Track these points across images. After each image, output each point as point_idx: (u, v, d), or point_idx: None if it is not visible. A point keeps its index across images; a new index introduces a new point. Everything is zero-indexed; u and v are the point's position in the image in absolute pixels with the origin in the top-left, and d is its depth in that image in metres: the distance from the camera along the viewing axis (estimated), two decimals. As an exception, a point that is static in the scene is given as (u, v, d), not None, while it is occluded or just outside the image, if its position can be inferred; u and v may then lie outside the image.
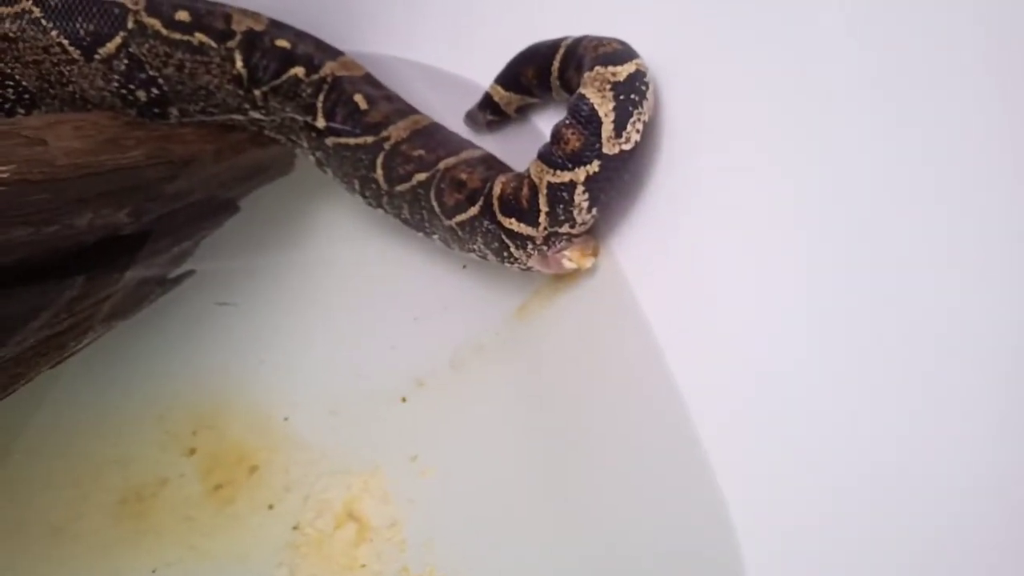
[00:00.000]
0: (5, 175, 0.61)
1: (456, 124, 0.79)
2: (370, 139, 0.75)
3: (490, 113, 0.78)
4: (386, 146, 0.74)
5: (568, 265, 0.66)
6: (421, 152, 0.73)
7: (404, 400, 0.75)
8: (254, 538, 0.69)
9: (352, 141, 0.76)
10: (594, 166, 0.59)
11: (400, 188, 0.74)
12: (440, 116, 0.78)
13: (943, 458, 0.42)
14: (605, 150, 0.59)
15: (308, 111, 0.77)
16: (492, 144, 0.76)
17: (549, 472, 0.67)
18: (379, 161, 0.74)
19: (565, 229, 0.64)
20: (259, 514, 0.70)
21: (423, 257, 0.82)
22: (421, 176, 0.72)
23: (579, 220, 0.63)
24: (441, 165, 0.71)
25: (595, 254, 0.67)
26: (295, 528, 0.69)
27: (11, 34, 0.68)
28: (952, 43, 0.42)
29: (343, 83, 0.76)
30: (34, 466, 0.71)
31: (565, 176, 0.60)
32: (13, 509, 0.69)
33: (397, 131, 0.74)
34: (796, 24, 0.51)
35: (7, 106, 0.73)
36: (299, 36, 0.78)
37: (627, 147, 0.59)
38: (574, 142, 0.59)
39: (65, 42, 0.69)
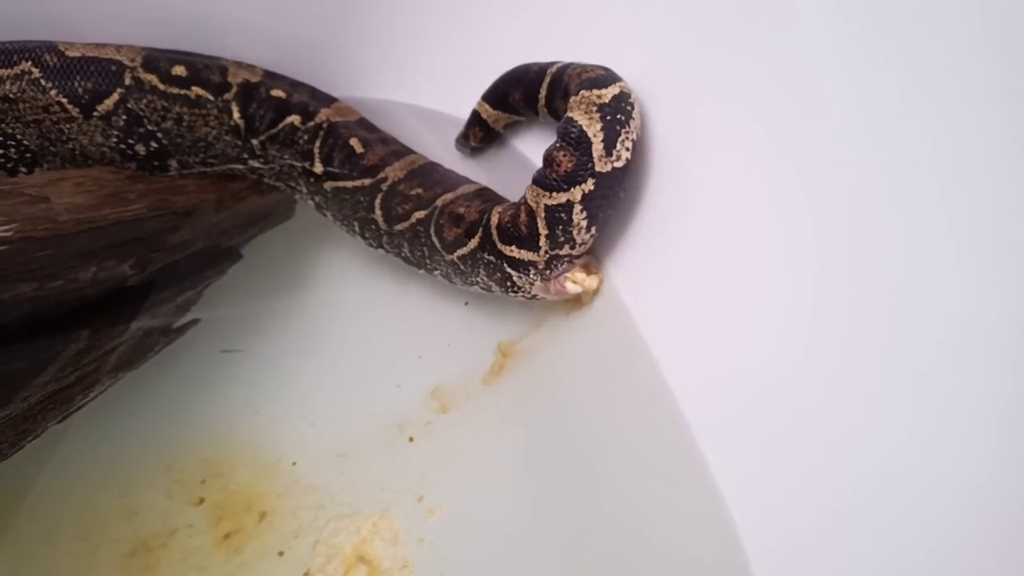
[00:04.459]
0: (9, 233, 0.62)
1: (451, 162, 0.80)
2: (368, 181, 0.76)
3: (479, 130, 0.79)
4: (384, 187, 0.75)
5: (572, 288, 0.66)
6: (418, 191, 0.74)
7: (411, 440, 0.75)
8: (265, 586, 0.69)
9: (350, 184, 0.76)
10: (589, 184, 0.60)
11: (399, 227, 0.74)
12: (435, 155, 0.79)
13: (941, 458, 0.41)
14: (598, 168, 0.59)
15: (306, 157, 0.78)
16: (485, 179, 0.77)
17: (557, 506, 0.67)
18: (377, 202, 0.75)
19: (566, 251, 0.64)
20: (269, 561, 0.69)
21: (425, 296, 0.83)
22: (420, 214, 0.73)
23: (579, 240, 0.63)
24: (439, 202, 0.72)
25: (598, 274, 0.67)
26: (306, 575, 0.68)
27: (11, 95, 0.70)
28: (947, 36, 0.42)
29: (338, 128, 0.77)
30: (43, 520, 0.71)
31: (562, 197, 0.61)
32: (23, 564, 0.69)
33: (394, 172, 0.75)
34: (785, 42, 0.52)
35: (9, 165, 0.74)
36: (293, 85, 0.79)
37: (619, 164, 0.60)
38: (567, 163, 0.60)
39: (64, 100, 0.71)
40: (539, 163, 0.62)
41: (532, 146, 0.77)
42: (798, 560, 0.52)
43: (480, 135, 0.79)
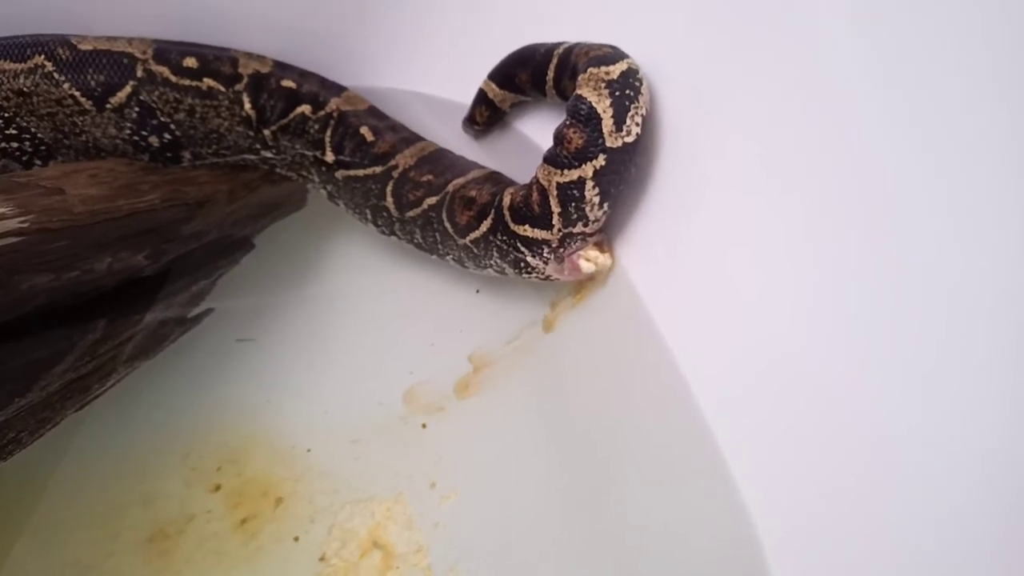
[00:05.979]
0: (25, 224, 0.63)
1: (461, 148, 0.80)
2: (379, 169, 0.76)
3: (485, 109, 0.79)
4: (395, 174, 0.75)
5: (586, 267, 0.66)
6: (429, 177, 0.74)
7: (424, 426, 0.75)
8: (281, 571, 0.69)
9: (361, 172, 0.77)
10: (600, 160, 0.60)
11: (411, 214, 0.75)
12: (444, 142, 0.80)
13: (957, 430, 0.41)
14: (608, 144, 0.59)
15: (317, 147, 0.78)
16: (494, 165, 0.76)
17: (570, 489, 0.67)
18: (389, 189, 0.75)
19: (579, 228, 0.64)
20: (285, 546, 0.70)
21: (438, 283, 0.83)
22: (431, 200, 0.73)
23: (592, 217, 0.63)
24: (450, 187, 0.72)
25: (611, 252, 0.67)
26: (321, 559, 0.69)
27: (25, 89, 0.71)
28: (962, 42, 0.41)
29: (349, 117, 0.78)
30: (63, 508, 0.73)
31: (573, 174, 0.61)
32: (43, 550, 0.70)
33: (404, 159, 0.76)
34: (796, 13, 0.51)
35: (24, 158, 0.75)
36: (303, 75, 0.80)
37: (629, 140, 0.60)
38: (577, 140, 0.60)
39: (77, 94, 0.72)
40: (547, 147, 0.62)
41: (540, 131, 0.76)
42: (811, 541, 0.51)
43: (486, 114, 0.79)
